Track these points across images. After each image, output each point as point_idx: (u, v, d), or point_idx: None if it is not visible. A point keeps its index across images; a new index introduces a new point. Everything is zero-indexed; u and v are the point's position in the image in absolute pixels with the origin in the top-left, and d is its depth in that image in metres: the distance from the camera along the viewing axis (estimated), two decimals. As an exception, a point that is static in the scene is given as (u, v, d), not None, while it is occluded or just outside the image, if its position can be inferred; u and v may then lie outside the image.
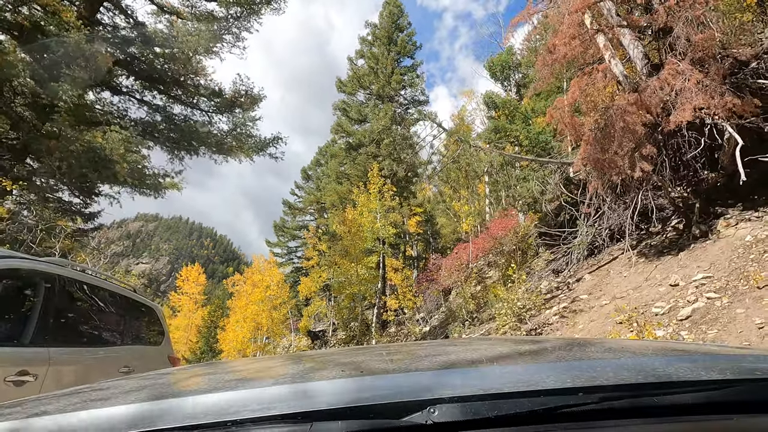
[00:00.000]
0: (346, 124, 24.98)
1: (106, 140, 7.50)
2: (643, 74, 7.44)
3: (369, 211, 16.84)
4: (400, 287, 16.54)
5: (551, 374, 0.67)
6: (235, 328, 24.81)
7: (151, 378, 1.05)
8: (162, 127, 9.79)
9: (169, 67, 9.53)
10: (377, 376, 0.79)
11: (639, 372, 0.66)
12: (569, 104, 7.97)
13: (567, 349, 1.00)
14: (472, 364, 0.90)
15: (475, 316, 9.28)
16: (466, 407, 0.56)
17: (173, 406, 0.65)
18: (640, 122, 6.28)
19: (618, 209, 7.98)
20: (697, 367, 0.69)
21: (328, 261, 16.37)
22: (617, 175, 6.55)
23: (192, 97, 10.55)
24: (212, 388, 0.82)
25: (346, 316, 16.13)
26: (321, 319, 28.40)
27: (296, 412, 0.57)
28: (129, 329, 4.56)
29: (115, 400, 0.76)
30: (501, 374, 0.72)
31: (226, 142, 10.30)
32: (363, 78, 25.75)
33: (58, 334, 3.31)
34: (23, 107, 6.72)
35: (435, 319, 15.97)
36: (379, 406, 0.58)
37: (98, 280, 4.08)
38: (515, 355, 1.02)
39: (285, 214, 33.62)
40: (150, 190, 10.67)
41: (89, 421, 0.62)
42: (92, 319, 3.92)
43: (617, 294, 5.84)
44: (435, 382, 0.70)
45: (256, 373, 1.09)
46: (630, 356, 0.85)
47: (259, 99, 12.02)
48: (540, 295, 6.61)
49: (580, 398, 0.58)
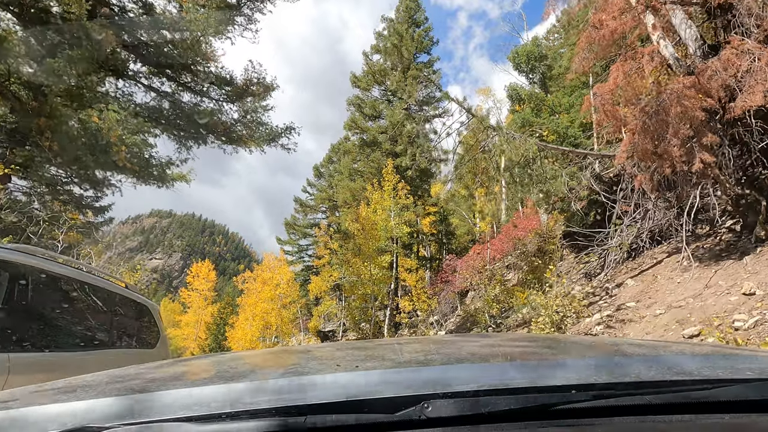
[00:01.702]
0: (360, 120, 24.45)
1: (103, 120, 6.98)
2: (697, 56, 6.66)
3: (383, 208, 16.22)
4: (415, 288, 15.88)
5: (545, 371, 0.70)
6: (243, 326, 24.47)
7: (147, 369, 1.06)
8: (169, 113, 9.28)
9: (178, 51, 9.03)
10: (372, 371, 0.79)
11: (632, 370, 0.66)
12: (610, 91, 7.22)
13: (561, 347, 1.00)
14: (466, 360, 0.90)
15: (499, 321, 8.57)
16: (459, 403, 0.56)
17: (168, 398, 0.65)
18: (699, 107, 5.53)
19: (662, 207, 7.20)
20: (690, 367, 0.70)
21: (340, 259, 15.80)
22: (670, 168, 5.79)
23: (201, 84, 10.05)
24: (207, 381, 0.85)
25: (357, 317, 15.53)
26: (330, 319, 27.87)
27: (291, 405, 0.57)
28: (117, 330, 3.99)
29: (107, 391, 0.76)
30: (495, 371, 0.74)
31: (235, 131, 9.76)
32: (378, 73, 25.24)
33: (21, 337, 2.74)
34: (19, 86, 6.27)
35: (451, 322, 15.25)
36: (373, 401, 0.58)
37: (80, 272, 3.51)
38: (510, 352, 1.02)
39: (296, 211, 33.19)
40: (156, 181, 10.18)
41: (76, 412, 0.60)
42: (70, 318, 3.34)
43: (673, 302, 5.11)
44: (429, 377, 0.69)
45: (252, 366, 1.09)
46: (623, 355, 0.87)
47: (271, 88, 11.48)
48: (580, 301, 5.90)
49: (572, 396, 0.58)
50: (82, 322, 3.51)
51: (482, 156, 8.96)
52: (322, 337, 26.42)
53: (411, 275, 16.41)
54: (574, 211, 11.04)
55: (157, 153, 10.02)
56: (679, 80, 5.98)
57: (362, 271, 14.05)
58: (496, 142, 8.11)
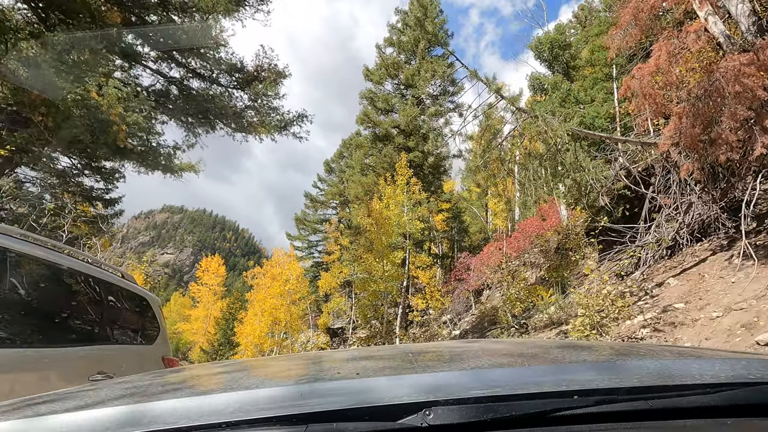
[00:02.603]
0: (373, 114, 23.97)
1: (102, 96, 6.56)
2: (750, 33, 6.04)
3: (396, 203, 15.72)
4: (428, 286, 15.36)
5: (547, 377, 0.68)
6: (252, 322, 24.21)
7: (145, 379, 1.06)
8: (176, 98, 8.88)
9: (186, 32, 8.62)
10: (373, 378, 0.79)
11: (633, 375, 0.66)
12: (651, 73, 6.63)
13: (562, 352, 0.99)
14: (468, 366, 0.90)
15: (523, 321, 8.02)
16: (461, 410, 0.56)
17: (167, 408, 0.64)
18: (760, 86, 4.93)
19: (707, 200, 6.60)
20: (692, 371, 0.69)
21: (351, 255, 15.36)
22: (724, 155, 5.20)
23: (211, 70, 9.65)
24: (207, 390, 0.85)
25: (369, 314, 15.08)
26: (339, 316, 27.50)
27: (291, 414, 0.57)
28: (110, 324, 3.56)
29: (106, 401, 0.76)
30: (496, 377, 0.72)
31: (245, 116, 9.32)
32: (391, 66, 24.75)
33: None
34: (16, 63, 5.90)
35: (465, 322, 14.72)
36: (374, 408, 0.57)
37: (65, 257, 3.09)
38: (511, 357, 1.02)
39: (306, 207, 32.85)
40: (162, 169, 9.79)
41: (78, 423, 0.61)
42: (52, 309, 2.92)
43: (731, 304, 4.54)
44: (431, 384, 0.67)
45: (251, 374, 1.06)
46: (624, 360, 0.86)
47: (283, 75, 11.05)
48: (624, 301, 5.30)
49: (575, 401, 0.58)
50: (68, 315, 3.08)
51: (501, 147, 8.40)
52: (331, 334, 26.09)
53: (425, 272, 15.90)
54: (600, 206, 10.43)
55: (164, 141, 9.67)
56: (735, 58, 5.38)
57: (374, 267, 13.58)
58: (519, 126, 7.55)
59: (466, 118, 7.55)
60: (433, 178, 23.54)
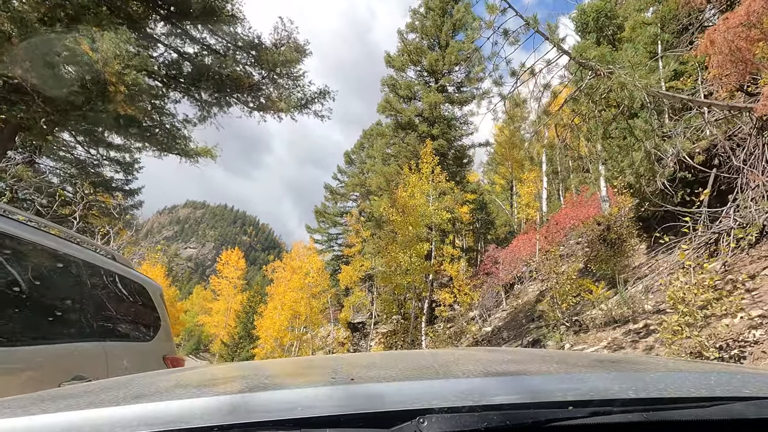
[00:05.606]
0: (395, 101, 23.10)
1: (95, 51, 5.74)
2: None
3: (421, 192, 14.83)
4: (456, 279, 14.47)
5: (543, 387, 0.67)
6: (272, 315, 23.85)
7: (140, 379, 1.02)
8: (189, 74, 8.20)
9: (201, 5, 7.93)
10: (368, 384, 0.78)
11: (630, 387, 0.65)
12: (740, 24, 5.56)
13: (558, 362, 0.99)
14: (462, 374, 0.89)
15: (576, 319, 7.07)
16: (455, 418, 0.56)
17: (159, 410, 0.61)
18: None
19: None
20: (688, 384, 0.68)
21: (375, 246, 14.58)
22: None
23: (227, 45, 8.96)
24: (199, 392, 0.82)
25: (392, 309, 14.31)
26: (359, 310, 26.82)
27: (284, 419, 0.56)
28: (96, 317, 2.83)
29: (98, 401, 0.74)
30: (491, 386, 0.71)
31: (262, 91, 8.58)
32: (414, 52, 23.80)
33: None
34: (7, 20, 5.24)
35: (496, 318, 13.77)
36: (368, 415, 0.57)
37: (43, 234, 2.38)
38: (507, 366, 1.00)
39: (326, 199, 32.28)
40: (179, 153, 9.17)
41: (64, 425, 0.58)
42: (17, 299, 2.19)
43: None
44: (425, 392, 0.67)
45: (245, 377, 1.04)
46: (621, 371, 0.85)
47: (303, 52, 10.29)
48: (733, 296, 4.30)
49: (569, 412, 0.57)
50: (39, 305, 2.36)
51: (560, 113, 7.41)
52: (351, 328, 25.50)
53: (452, 265, 15.00)
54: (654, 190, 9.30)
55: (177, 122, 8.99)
56: None
57: (400, 258, 12.75)
58: (584, 86, 6.58)
59: (519, 76, 6.56)
60: (457, 168, 22.60)
